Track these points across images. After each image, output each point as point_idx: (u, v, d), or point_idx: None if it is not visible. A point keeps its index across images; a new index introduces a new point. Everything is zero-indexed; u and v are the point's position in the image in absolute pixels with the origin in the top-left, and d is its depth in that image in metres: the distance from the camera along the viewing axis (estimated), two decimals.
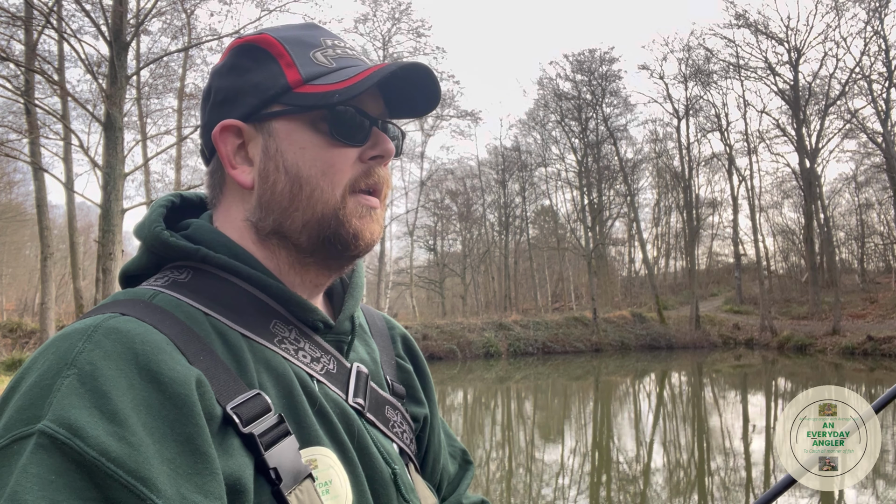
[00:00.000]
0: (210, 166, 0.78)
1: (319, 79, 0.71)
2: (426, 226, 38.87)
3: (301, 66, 0.72)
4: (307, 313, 0.73)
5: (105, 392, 0.52)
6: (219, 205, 0.77)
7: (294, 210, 0.71)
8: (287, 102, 0.71)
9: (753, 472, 8.91)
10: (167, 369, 0.56)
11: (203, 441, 0.55)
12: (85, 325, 0.57)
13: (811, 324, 28.33)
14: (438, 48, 38.89)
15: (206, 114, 0.76)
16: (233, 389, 0.61)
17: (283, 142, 0.71)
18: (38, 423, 0.50)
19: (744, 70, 30.93)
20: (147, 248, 0.73)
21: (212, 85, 0.76)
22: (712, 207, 42.77)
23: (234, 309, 0.69)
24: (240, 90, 0.73)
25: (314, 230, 0.72)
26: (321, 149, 0.71)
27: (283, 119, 0.72)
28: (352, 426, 0.73)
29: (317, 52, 0.73)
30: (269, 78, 0.71)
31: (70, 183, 17.52)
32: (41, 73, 13.93)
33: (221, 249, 0.71)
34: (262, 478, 0.60)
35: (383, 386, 0.84)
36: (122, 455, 0.50)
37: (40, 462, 0.48)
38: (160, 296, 0.66)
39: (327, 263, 0.76)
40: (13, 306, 33.16)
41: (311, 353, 0.73)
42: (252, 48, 0.74)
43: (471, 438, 12.11)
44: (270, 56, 0.72)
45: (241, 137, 0.73)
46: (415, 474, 0.84)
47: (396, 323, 1.00)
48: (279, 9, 16.22)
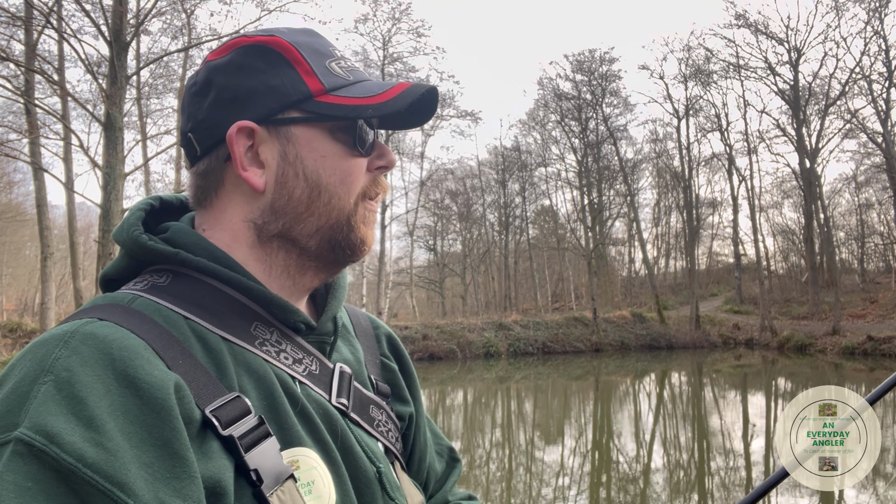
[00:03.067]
0: (203, 165, 0.74)
1: (341, 90, 0.73)
2: (426, 226, 38.89)
3: (321, 75, 0.73)
4: (288, 315, 0.73)
5: (82, 398, 0.52)
6: (210, 205, 0.75)
7: (309, 216, 0.73)
8: (308, 110, 0.72)
9: (753, 472, 8.91)
10: (144, 374, 0.56)
11: (181, 445, 0.55)
12: (62, 331, 0.57)
13: (811, 324, 28.32)
14: (438, 48, 38.95)
15: (202, 110, 0.73)
16: (212, 392, 0.61)
17: (303, 148, 0.72)
18: (15, 430, 0.50)
19: (744, 70, 30.94)
20: (126, 252, 0.73)
21: (212, 81, 0.73)
22: (712, 207, 42.80)
23: (213, 312, 0.68)
24: (252, 91, 0.71)
25: (326, 235, 0.74)
26: (340, 158, 0.73)
27: (303, 126, 0.72)
28: (335, 426, 0.73)
29: (331, 62, 0.75)
30: (287, 83, 0.71)
31: (70, 183, 17.52)
32: (41, 73, 13.94)
33: (201, 252, 0.71)
34: (244, 479, 0.60)
35: (367, 385, 0.84)
36: (99, 461, 0.50)
37: (17, 469, 0.49)
38: (139, 300, 0.66)
39: (326, 267, 0.77)
40: (13, 306, 33.16)
41: (293, 355, 0.73)
42: (264, 49, 0.72)
43: (471, 438, 12.11)
44: (286, 60, 0.72)
45: (251, 139, 0.72)
46: (401, 473, 0.84)
47: (381, 322, 1.00)
48: (279, 9, 16.24)
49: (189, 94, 0.75)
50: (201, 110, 0.73)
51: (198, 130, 0.74)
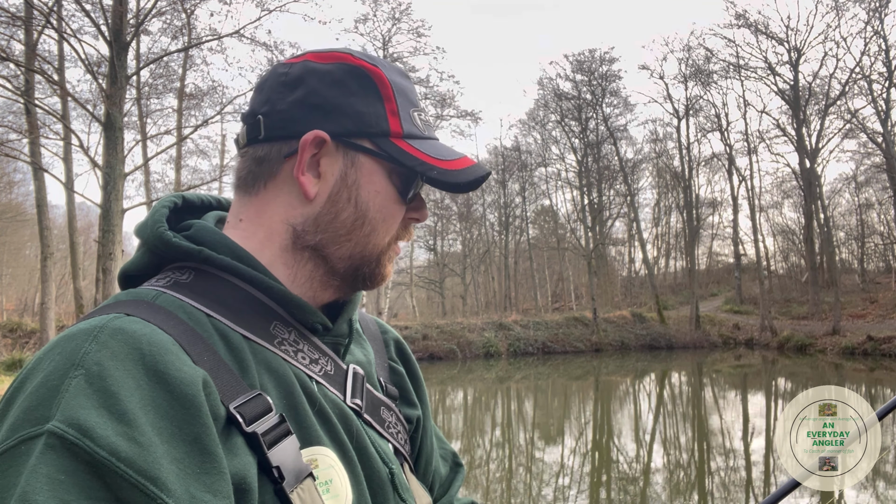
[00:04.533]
0: (261, 150, 0.75)
1: (415, 141, 0.77)
2: (426, 226, 38.85)
3: (403, 120, 0.76)
4: (307, 315, 0.74)
5: (113, 392, 0.53)
6: (256, 194, 0.76)
7: (347, 241, 0.76)
8: (381, 146, 0.75)
9: (753, 472, 8.91)
10: (174, 370, 0.56)
11: (210, 441, 0.56)
12: (90, 326, 0.58)
13: (811, 324, 28.34)
14: (438, 48, 38.95)
15: (285, 101, 0.74)
16: (235, 389, 0.62)
17: (362, 177, 0.75)
18: (47, 423, 0.50)
19: (744, 70, 30.96)
20: (148, 249, 0.73)
21: (306, 80, 0.74)
22: (712, 207, 42.81)
23: (235, 310, 0.69)
24: (339, 108, 0.74)
25: (356, 263, 0.77)
26: (389, 199, 0.77)
27: (370, 158, 0.75)
28: (350, 426, 0.74)
29: (415, 111, 0.79)
30: (373, 114, 0.75)
31: (70, 183, 17.52)
32: (41, 73, 13.94)
33: (223, 250, 0.72)
34: (265, 476, 0.61)
35: (378, 387, 0.86)
36: (132, 455, 0.50)
37: (50, 462, 0.49)
38: (163, 296, 0.66)
39: (344, 289, 0.80)
40: (13, 306, 33.17)
41: (309, 355, 0.74)
42: (363, 74, 0.75)
43: (471, 438, 12.12)
44: (378, 93, 0.75)
45: (318, 148, 0.74)
46: (409, 474, 0.86)
47: (389, 327, 1.02)
48: (279, 9, 16.20)
49: (276, 80, 0.76)
50: (284, 101, 0.74)
51: (271, 116, 0.74)
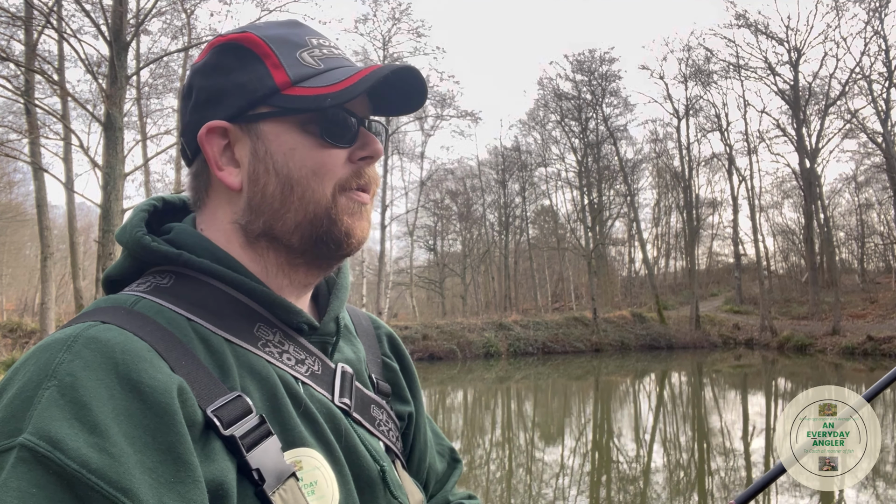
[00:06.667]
0: (193, 168, 0.75)
1: (308, 80, 0.71)
2: (426, 226, 38.88)
3: (288, 66, 0.71)
4: (291, 316, 0.73)
5: (85, 403, 0.52)
6: (203, 207, 0.76)
7: (286, 212, 0.71)
8: (275, 104, 0.70)
9: (754, 472, 8.91)
10: (148, 378, 0.56)
11: (185, 449, 0.55)
12: (65, 335, 0.57)
13: (811, 324, 28.33)
14: (438, 48, 39.04)
15: (187, 113, 0.74)
16: (214, 393, 0.61)
17: (272, 144, 0.71)
18: (19, 436, 0.50)
19: (744, 70, 30.95)
20: (129, 253, 0.72)
21: (193, 84, 0.74)
22: (712, 207, 42.81)
23: (217, 313, 0.68)
24: (224, 90, 0.71)
25: (306, 230, 0.72)
26: (311, 150, 0.71)
27: (272, 121, 0.71)
28: (339, 426, 0.73)
29: (303, 51, 0.72)
30: (255, 79, 0.70)
31: (70, 183, 17.51)
32: (41, 73, 13.94)
33: (204, 253, 0.71)
34: (246, 479, 0.61)
35: (368, 385, 0.85)
36: (103, 466, 0.50)
37: (21, 476, 0.49)
38: (142, 302, 0.65)
39: (317, 263, 0.76)
40: (13, 306, 33.15)
41: (295, 356, 0.73)
42: (235, 47, 0.72)
43: (471, 438, 12.11)
44: (255, 56, 0.71)
45: (226, 138, 0.72)
46: (402, 471, 0.85)
47: (382, 322, 1.00)
48: (279, 9, 16.21)
49: (180, 98, 0.78)
50: (186, 114, 0.74)
51: (185, 133, 0.74)
